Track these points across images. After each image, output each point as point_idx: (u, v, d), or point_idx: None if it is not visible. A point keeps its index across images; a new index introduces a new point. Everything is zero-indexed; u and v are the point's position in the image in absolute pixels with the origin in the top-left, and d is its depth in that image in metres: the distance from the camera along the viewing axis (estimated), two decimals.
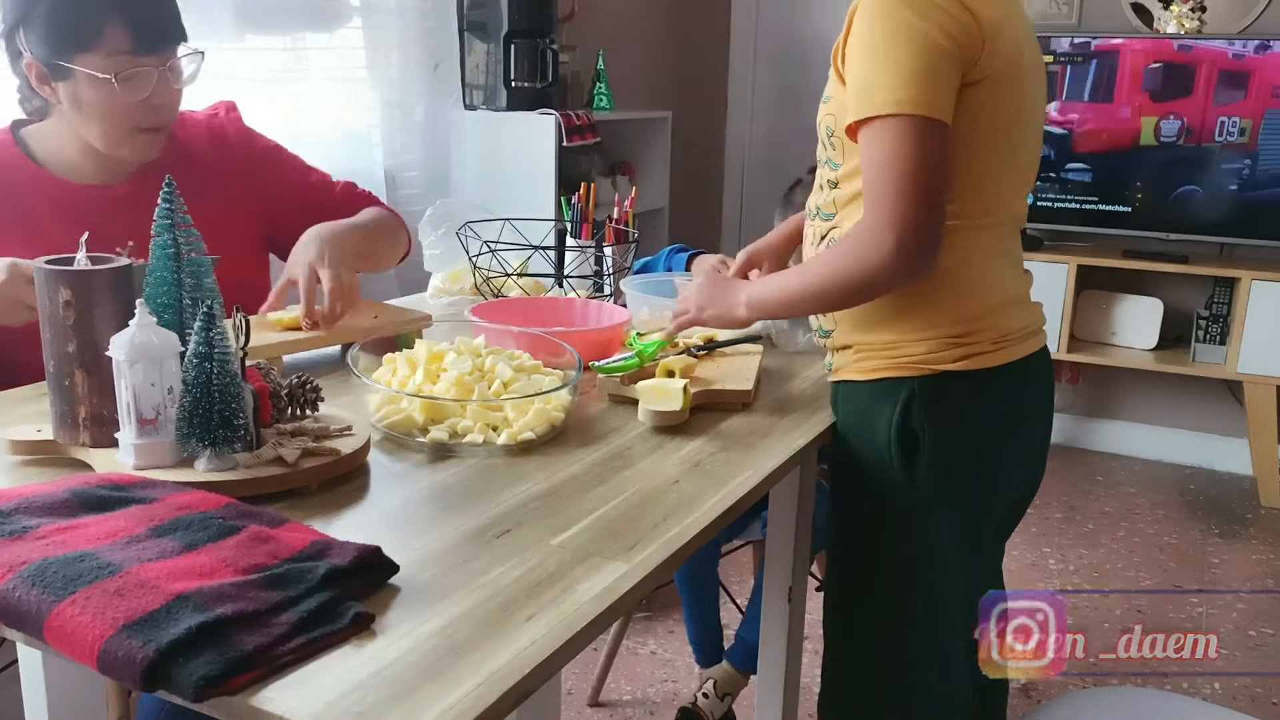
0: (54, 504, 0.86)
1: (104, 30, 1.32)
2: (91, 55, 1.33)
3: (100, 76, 1.33)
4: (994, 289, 1.24)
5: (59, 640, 0.71)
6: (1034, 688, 2.23)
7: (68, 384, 1.00)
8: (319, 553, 0.81)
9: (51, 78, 1.35)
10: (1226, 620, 2.53)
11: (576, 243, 1.86)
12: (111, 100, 1.35)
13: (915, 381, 1.21)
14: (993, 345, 1.22)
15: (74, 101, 1.36)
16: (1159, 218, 3.30)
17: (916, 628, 1.28)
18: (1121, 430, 3.68)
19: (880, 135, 1.12)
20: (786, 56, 4.00)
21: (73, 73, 1.34)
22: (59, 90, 1.36)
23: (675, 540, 0.93)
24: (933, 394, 1.21)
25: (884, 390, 1.23)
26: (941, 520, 1.24)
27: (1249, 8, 3.26)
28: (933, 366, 1.21)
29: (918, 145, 1.10)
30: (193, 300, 1.03)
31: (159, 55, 1.38)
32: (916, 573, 1.26)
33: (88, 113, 1.37)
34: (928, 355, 1.21)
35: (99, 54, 1.33)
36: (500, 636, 0.75)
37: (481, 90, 2.94)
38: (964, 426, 1.23)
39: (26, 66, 1.36)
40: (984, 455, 1.25)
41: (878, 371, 1.23)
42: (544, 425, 1.15)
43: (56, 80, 1.35)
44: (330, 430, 1.06)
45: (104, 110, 1.36)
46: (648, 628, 2.39)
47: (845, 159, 1.22)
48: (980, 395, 1.23)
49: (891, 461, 1.22)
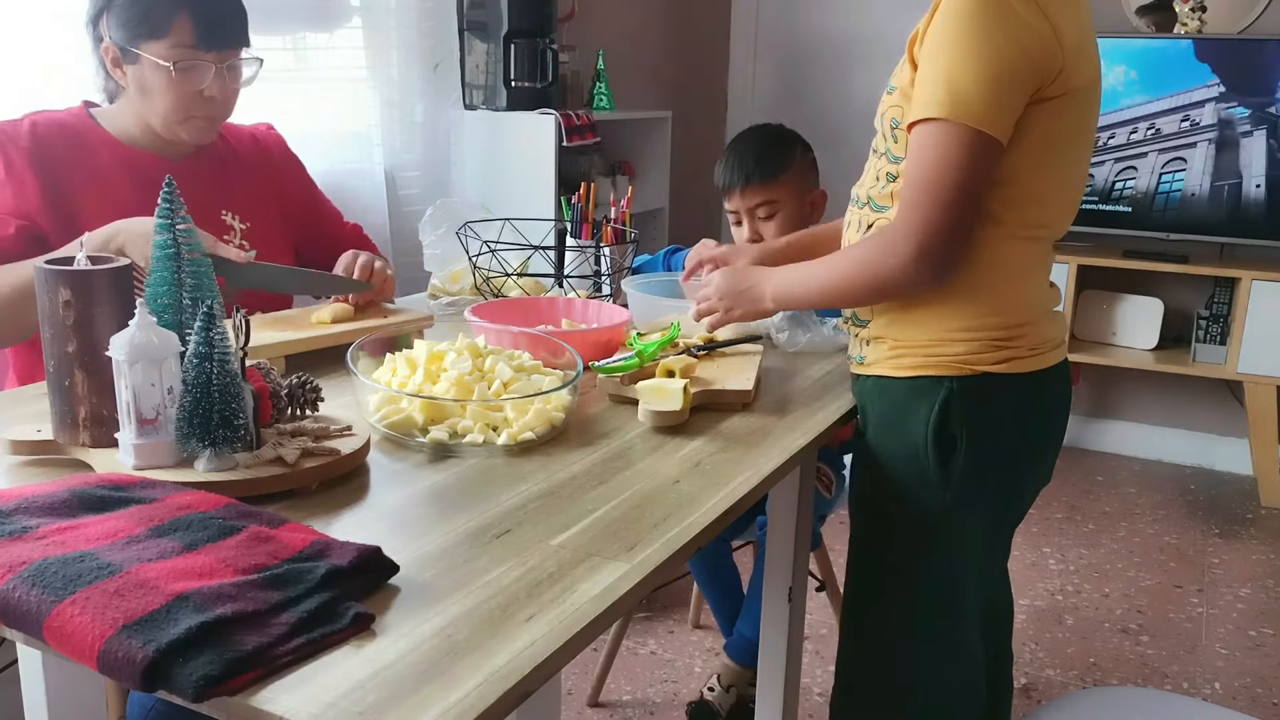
0: (54, 504, 0.86)
1: (173, 23, 1.45)
2: (158, 44, 1.46)
3: (161, 64, 1.46)
4: (1036, 298, 1.25)
5: (59, 640, 0.71)
6: (1034, 688, 2.23)
7: (68, 384, 1.00)
8: (319, 553, 0.81)
9: (123, 61, 1.49)
10: (1226, 620, 2.53)
11: (576, 243, 1.86)
12: (170, 87, 1.48)
13: (955, 381, 1.21)
14: (1030, 351, 1.22)
15: (139, 85, 1.50)
16: (1159, 218, 3.30)
17: (935, 627, 1.28)
18: (1122, 430, 3.68)
19: (932, 137, 1.12)
20: (786, 56, 4.00)
21: (140, 58, 1.47)
22: (128, 73, 1.50)
23: (675, 540, 0.92)
24: (972, 395, 1.21)
25: (922, 388, 1.22)
26: (970, 522, 1.24)
27: (1249, 8, 3.26)
28: (973, 367, 1.21)
29: (966, 157, 1.10)
30: (193, 300, 1.03)
31: (219, 53, 1.50)
32: (941, 574, 1.26)
33: (150, 96, 1.50)
34: (969, 355, 1.21)
35: (165, 44, 1.46)
36: (500, 637, 0.75)
37: (481, 90, 2.94)
38: (1000, 429, 1.23)
39: (104, 50, 1.50)
40: (1015, 459, 1.26)
41: (916, 369, 1.23)
42: (544, 425, 1.15)
43: (126, 64, 1.49)
44: (330, 430, 1.06)
45: (165, 95, 1.48)
46: (648, 628, 2.39)
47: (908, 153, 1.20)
48: (1016, 399, 1.23)
49: (926, 461, 1.22)
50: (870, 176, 1.29)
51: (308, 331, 1.40)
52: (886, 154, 1.24)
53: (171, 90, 1.48)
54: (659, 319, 1.55)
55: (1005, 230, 1.18)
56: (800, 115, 2.06)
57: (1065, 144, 1.19)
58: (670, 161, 3.47)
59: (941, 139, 1.11)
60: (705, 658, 2.28)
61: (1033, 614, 2.53)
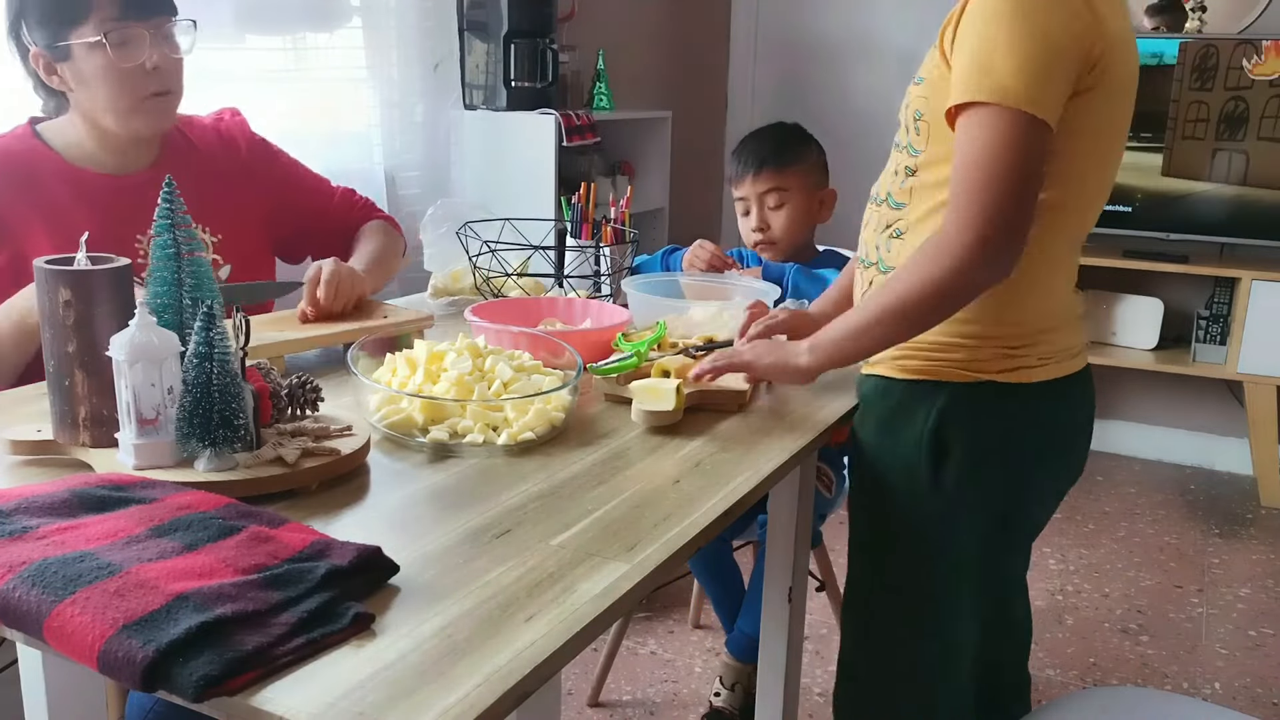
0: (54, 504, 0.86)
1: (91, 2, 1.38)
2: (83, 27, 1.38)
3: (93, 40, 1.38)
4: (1059, 305, 1.20)
5: (59, 640, 0.71)
6: (1034, 688, 2.22)
7: (68, 384, 1.00)
8: (319, 553, 0.81)
9: (55, 60, 1.41)
10: (1227, 620, 2.53)
11: (576, 243, 1.86)
12: (110, 68, 1.40)
13: (955, 387, 1.17)
14: (1039, 361, 1.18)
15: (80, 79, 1.41)
16: (1159, 217, 3.30)
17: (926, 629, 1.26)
18: (1122, 430, 3.68)
19: (981, 123, 1.05)
20: (786, 56, 4.00)
21: (70, 49, 1.39)
22: (65, 73, 1.41)
23: (675, 540, 0.92)
24: (971, 401, 1.17)
25: (921, 392, 1.19)
26: (964, 530, 1.21)
27: (1249, 8, 3.26)
28: (976, 374, 1.17)
29: (1020, 141, 1.04)
30: (193, 300, 1.03)
31: (149, 22, 1.42)
32: (932, 578, 1.24)
33: (94, 86, 1.41)
34: (973, 361, 1.17)
35: (90, 24, 1.38)
36: (500, 637, 0.75)
37: (481, 90, 2.94)
38: (999, 439, 1.19)
39: (34, 59, 1.42)
40: (1017, 471, 1.21)
41: (917, 372, 1.20)
42: (544, 425, 1.15)
43: (59, 62, 1.41)
44: (330, 430, 1.06)
45: (107, 79, 1.41)
46: (648, 628, 2.39)
47: (929, 145, 1.16)
48: (1019, 409, 1.19)
49: (919, 467, 1.19)
50: (890, 171, 1.25)
51: (308, 331, 1.40)
52: (907, 147, 1.20)
53: (112, 71, 1.39)
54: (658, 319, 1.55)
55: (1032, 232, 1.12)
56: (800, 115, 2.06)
57: (1095, 144, 1.14)
58: (670, 161, 3.47)
59: (989, 124, 1.04)
60: (705, 657, 2.28)
61: (1033, 614, 2.53)
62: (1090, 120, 1.11)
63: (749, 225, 1.88)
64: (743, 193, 1.87)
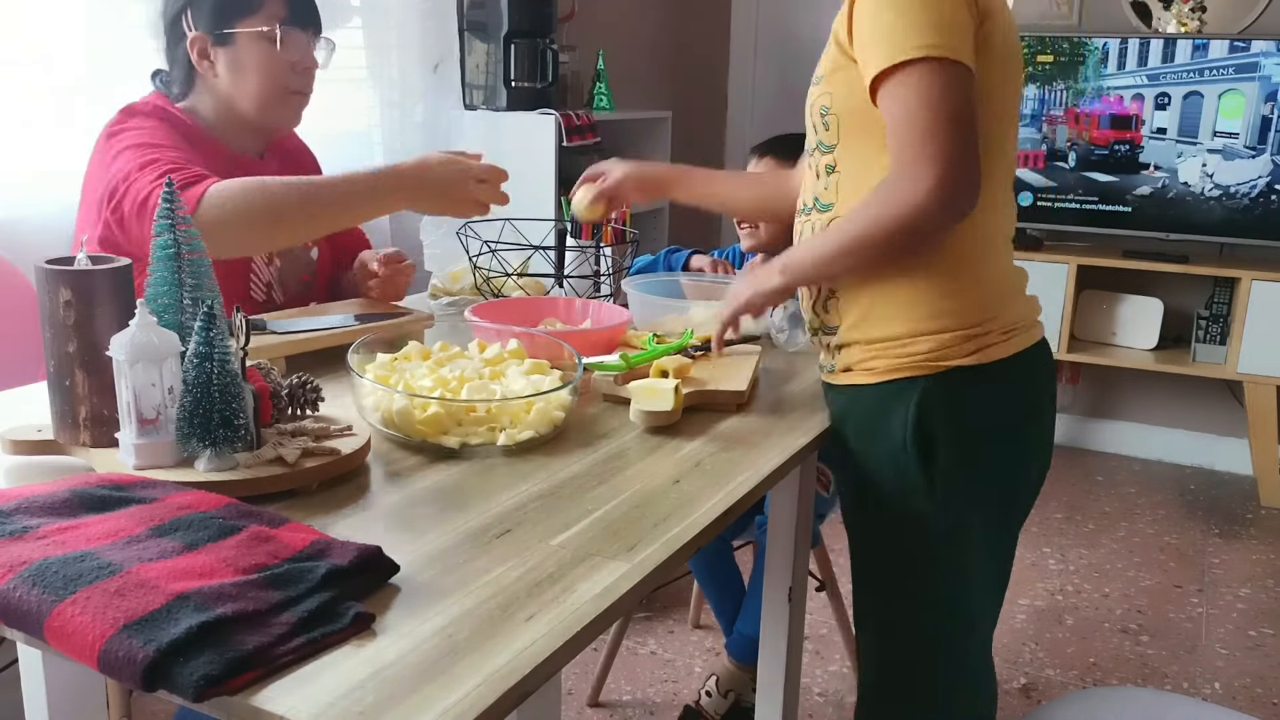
0: (54, 504, 0.86)
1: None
2: (253, 18, 1.51)
3: (264, 30, 1.51)
4: (1000, 278, 1.22)
5: (59, 640, 0.71)
6: (1034, 687, 2.23)
7: (68, 384, 1.00)
8: (319, 553, 0.81)
9: (216, 45, 1.51)
10: (1227, 620, 2.53)
11: (576, 243, 1.86)
12: (271, 59, 1.52)
13: (927, 380, 1.18)
14: (1002, 336, 1.19)
15: (235, 65, 1.52)
16: (1159, 217, 3.30)
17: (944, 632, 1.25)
18: (1122, 430, 3.68)
19: (910, 81, 1.08)
20: (786, 56, 4.00)
21: (236, 37, 1.51)
22: (219, 59, 1.52)
23: (675, 540, 0.93)
24: (946, 391, 1.18)
25: (895, 391, 1.19)
26: (967, 520, 1.21)
27: (1249, 8, 3.26)
28: (945, 363, 1.18)
29: (952, 87, 1.07)
30: (193, 300, 1.03)
31: (306, 30, 1.57)
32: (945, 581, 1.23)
33: (248, 73, 1.52)
34: (939, 350, 1.18)
35: (260, 17, 1.51)
36: (500, 637, 0.75)
37: (482, 90, 2.94)
38: (980, 422, 1.20)
39: (190, 44, 1.51)
40: (1003, 449, 1.22)
41: (887, 373, 1.20)
42: (544, 425, 1.15)
43: (219, 46, 1.51)
44: (330, 430, 1.06)
45: (263, 69, 1.52)
46: (648, 628, 2.39)
47: (841, 136, 1.19)
48: (993, 388, 1.20)
49: (909, 466, 1.19)
50: (809, 178, 1.27)
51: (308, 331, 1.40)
52: (819, 147, 1.22)
53: (270, 63, 1.51)
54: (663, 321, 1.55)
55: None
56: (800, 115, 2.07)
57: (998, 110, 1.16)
58: (670, 162, 3.47)
59: (918, 79, 1.07)
60: (705, 658, 2.28)
61: (1033, 614, 2.53)
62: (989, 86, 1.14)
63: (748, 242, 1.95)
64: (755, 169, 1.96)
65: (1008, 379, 1.21)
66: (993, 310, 1.19)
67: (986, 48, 1.13)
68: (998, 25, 1.14)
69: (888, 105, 1.11)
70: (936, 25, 1.07)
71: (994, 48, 1.14)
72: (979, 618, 1.27)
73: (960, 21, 1.09)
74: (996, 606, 1.31)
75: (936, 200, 1.08)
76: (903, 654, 1.29)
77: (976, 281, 1.19)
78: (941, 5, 1.08)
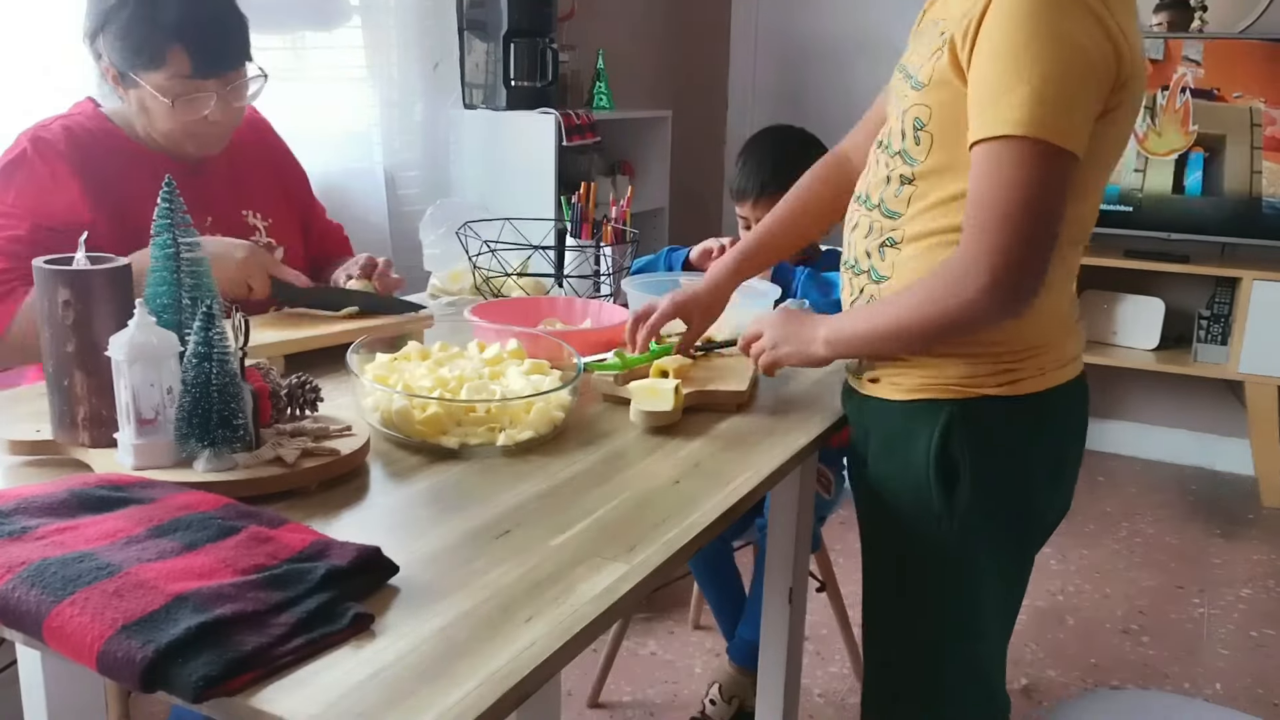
0: (53, 504, 0.85)
1: (166, 55, 1.42)
2: (155, 75, 1.43)
3: (159, 97, 1.44)
4: (1058, 317, 1.17)
5: (58, 641, 0.71)
6: (1035, 688, 2.22)
7: (67, 384, 1.00)
8: (318, 553, 0.81)
9: (123, 84, 1.48)
10: (1228, 621, 2.53)
11: (576, 242, 1.86)
12: (170, 115, 1.47)
13: (955, 405, 1.14)
14: (1037, 371, 1.15)
15: (140, 106, 1.49)
16: (1160, 218, 3.30)
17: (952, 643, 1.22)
18: (1123, 430, 3.67)
19: (1004, 157, 1.00)
20: (787, 55, 4.00)
21: (140, 84, 1.45)
22: (129, 94, 1.49)
23: (675, 541, 0.92)
24: (973, 418, 1.14)
25: (921, 412, 1.16)
26: (983, 553, 1.18)
27: (1249, 8, 3.26)
28: (975, 389, 1.14)
29: (1044, 175, 1.00)
30: (192, 300, 1.03)
31: (221, 78, 1.47)
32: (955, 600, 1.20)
33: (152, 117, 1.49)
34: (969, 376, 1.14)
35: (162, 74, 1.43)
36: (500, 637, 0.75)
37: (481, 89, 2.94)
38: (1006, 454, 1.16)
39: (104, 69, 1.49)
40: (1026, 485, 1.18)
41: (914, 392, 1.16)
42: (544, 425, 1.15)
43: (126, 86, 1.48)
44: (330, 430, 1.06)
45: (165, 120, 1.48)
46: (648, 628, 2.39)
47: (930, 156, 1.11)
48: (1022, 421, 1.16)
49: (930, 491, 1.15)
50: (879, 175, 1.19)
51: (308, 331, 1.40)
52: (902, 154, 1.15)
53: (172, 118, 1.46)
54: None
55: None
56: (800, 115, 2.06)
57: (1107, 163, 1.11)
58: (670, 161, 3.47)
59: (1015, 159, 0.99)
60: (705, 658, 2.28)
61: (1033, 614, 2.53)
62: (1107, 140, 1.08)
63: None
64: (744, 213, 1.85)
65: (1039, 414, 1.16)
66: (1035, 344, 1.14)
67: (1113, 117, 1.06)
68: (1131, 94, 1.05)
69: (976, 169, 1.04)
70: (1057, 102, 0.98)
71: (1122, 117, 1.07)
72: (986, 639, 1.24)
73: (1085, 105, 1.01)
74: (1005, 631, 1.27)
75: (990, 301, 1.04)
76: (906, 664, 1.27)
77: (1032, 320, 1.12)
78: (1069, 80, 0.99)
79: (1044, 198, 1.01)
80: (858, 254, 1.22)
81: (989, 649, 1.25)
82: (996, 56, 1.01)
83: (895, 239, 1.16)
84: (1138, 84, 1.07)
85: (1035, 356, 1.15)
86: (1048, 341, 1.15)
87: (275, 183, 1.70)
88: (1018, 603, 1.28)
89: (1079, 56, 0.99)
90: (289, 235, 1.66)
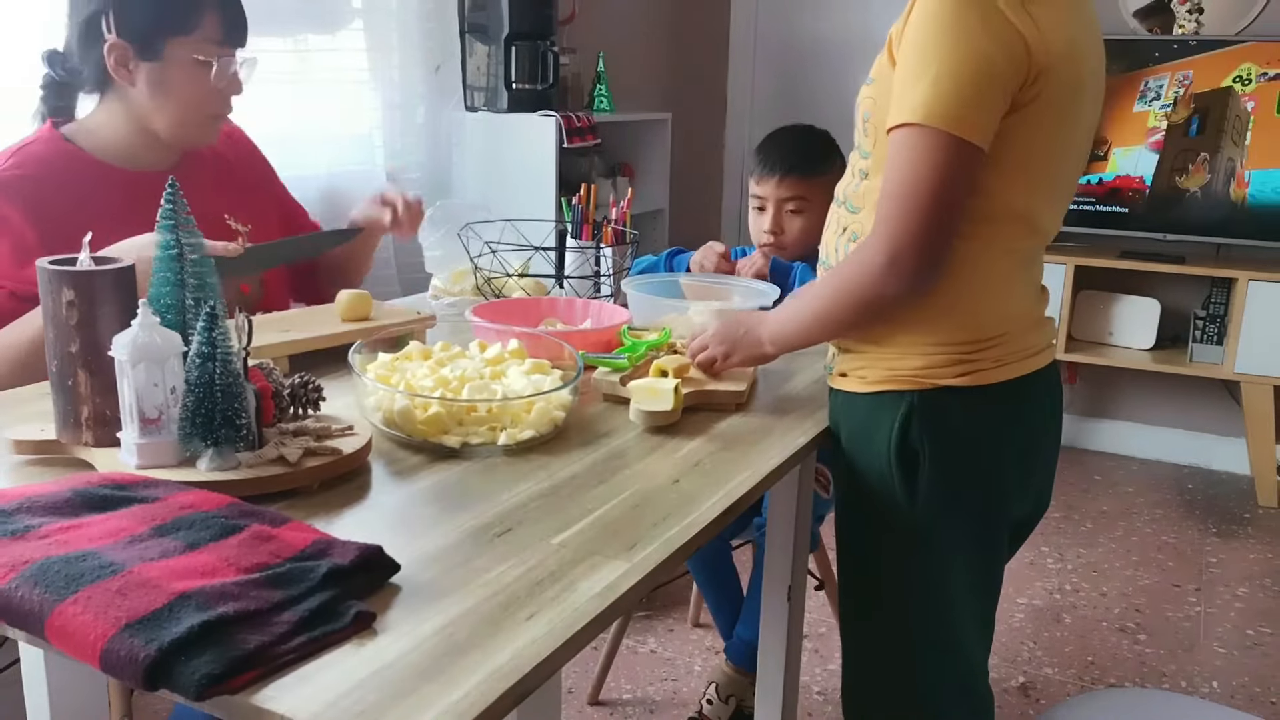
0: (56, 503, 0.86)
1: (203, 18, 1.41)
2: (186, 39, 1.41)
3: (200, 59, 1.42)
4: (1009, 310, 1.19)
5: (61, 639, 0.71)
6: (1032, 686, 2.23)
7: (70, 384, 1.01)
8: (320, 552, 0.81)
9: (140, 57, 1.40)
10: (1224, 620, 2.54)
11: (577, 244, 1.87)
12: (199, 83, 1.43)
13: (914, 395, 1.17)
14: (995, 363, 1.17)
15: (156, 83, 1.42)
16: (1156, 218, 3.31)
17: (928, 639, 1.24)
18: (1119, 430, 3.68)
19: (907, 143, 1.06)
20: (786, 58, 4.00)
21: (163, 55, 1.40)
22: (140, 72, 1.41)
23: (675, 540, 0.93)
24: (931, 409, 1.17)
25: (883, 403, 1.19)
26: (945, 539, 1.20)
27: (1248, 8, 3.27)
28: (932, 381, 1.17)
29: (939, 161, 1.05)
30: (195, 300, 1.04)
31: (240, 50, 1.48)
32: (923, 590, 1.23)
33: (170, 94, 1.43)
34: (927, 369, 1.17)
35: (194, 39, 1.41)
36: (501, 635, 0.75)
37: (482, 92, 2.95)
38: (965, 443, 1.19)
39: (108, 49, 1.40)
40: (988, 473, 1.21)
41: (877, 384, 1.20)
42: (545, 425, 1.15)
43: (143, 60, 1.40)
44: (332, 430, 1.07)
45: (189, 92, 1.44)
46: (648, 626, 2.40)
47: (875, 147, 1.17)
48: (981, 412, 1.18)
49: (892, 479, 1.19)
50: (849, 173, 1.25)
51: (309, 331, 1.41)
52: (858, 148, 1.21)
53: (197, 87, 1.43)
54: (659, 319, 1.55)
55: (979, 245, 1.13)
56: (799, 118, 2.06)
57: (1044, 156, 1.13)
58: (670, 163, 3.48)
59: (916, 145, 1.05)
60: (705, 656, 2.28)
61: (1031, 613, 2.54)
62: (1039, 134, 1.10)
63: (762, 225, 1.86)
64: (763, 192, 1.85)
65: (1000, 404, 1.19)
66: (990, 341, 1.17)
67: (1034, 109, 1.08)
68: (1052, 84, 1.08)
69: (889, 153, 1.09)
70: (954, 94, 1.03)
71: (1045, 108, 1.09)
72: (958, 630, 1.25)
73: (987, 98, 1.05)
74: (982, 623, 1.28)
75: (889, 281, 1.10)
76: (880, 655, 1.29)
77: (981, 311, 1.17)
78: (978, 78, 1.04)
79: (938, 183, 1.06)
80: (829, 250, 1.27)
81: (962, 640, 1.26)
82: (910, 50, 1.08)
83: (856, 234, 1.20)
84: (1063, 74, 1.09)
85: (994, 347, 1.18)
86: (1006, 332, 1.18)
87: (256, 189, 1.69)
88: (993, 599, 1.29)
89: (977, 51, 1.04)
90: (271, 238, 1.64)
